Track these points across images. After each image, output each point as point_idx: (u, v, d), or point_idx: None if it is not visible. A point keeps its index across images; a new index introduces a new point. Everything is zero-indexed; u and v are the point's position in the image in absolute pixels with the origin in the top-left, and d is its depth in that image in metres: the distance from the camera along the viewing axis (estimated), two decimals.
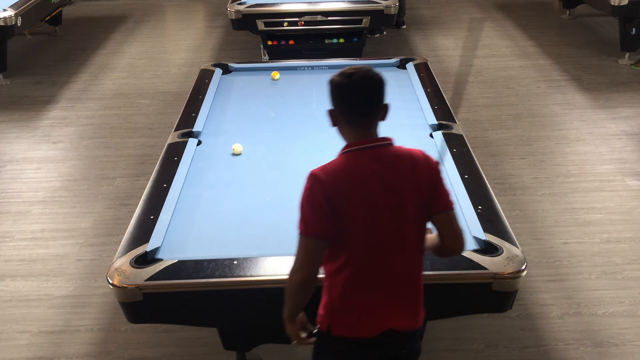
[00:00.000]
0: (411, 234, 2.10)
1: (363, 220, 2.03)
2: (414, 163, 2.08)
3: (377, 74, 2.06)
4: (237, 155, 3.48)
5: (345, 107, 2.07)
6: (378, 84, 2.06)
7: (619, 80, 6.49)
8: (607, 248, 4.01)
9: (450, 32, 8.10)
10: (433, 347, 3.25)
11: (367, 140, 2.08)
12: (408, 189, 2.05)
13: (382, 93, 2.07)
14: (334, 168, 2.05)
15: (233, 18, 6.33)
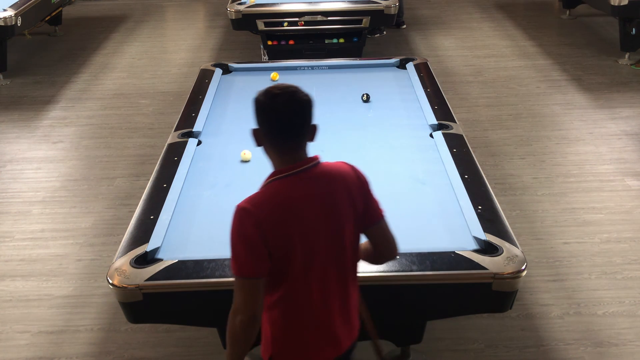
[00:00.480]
0: (349, 254, 2.05)
1: (302, 250, 1.94)
2: (345, 179, 2.02)
3: (304, 95, 1.95)
4: (245, 162, 3.41)
5: (269, 130, 1.96)
6: (304, 106, 1.95)
7: (619, 80, 6.49)
8: (607, 248, 4.01)
9: (450, 32, 8.10)
10: (433, 347, 3.26)
11: (295, 164, 1.97)
12: (345, 207, 2.00)
13: (308, 116, 1.98)
14: (264, 199, 1.94)
15: (233, 18, 6.33)
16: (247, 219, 1.91)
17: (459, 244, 2.65)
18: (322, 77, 4.58)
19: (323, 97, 4.22)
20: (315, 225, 1.96)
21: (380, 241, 2.11)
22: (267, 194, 1.95)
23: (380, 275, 2.48)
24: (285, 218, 1.92)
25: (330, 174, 2.01)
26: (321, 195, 1.97)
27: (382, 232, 2.10)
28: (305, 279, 1.98)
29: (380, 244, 2.11)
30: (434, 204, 3.00)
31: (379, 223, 2.09)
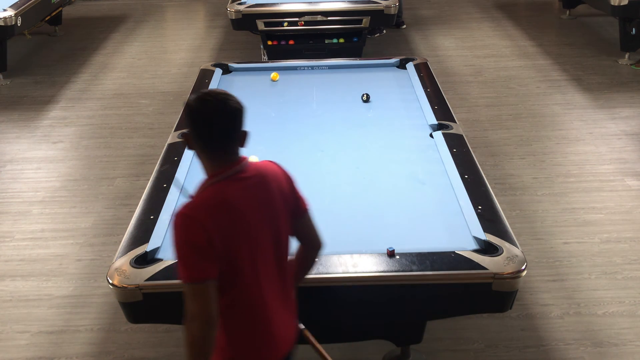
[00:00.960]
0: (286, 250, 2.12)
1: (248, 250, 1.97)
2: (276, 177, 2.08)
3: (234, 102, 1.96)
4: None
5: (199, 135, 1.97)
6: (234, 113, 1.95)
7: (619, 80, 6.49)
8: (607, 248, 4.01)
9: (450, 32, 8.10)
10: (433, 347, 3.26)
11: (229, 166, 1.99)
12: (280, 205, 2.05)
13: (238, 123, 1.98)
14: (204, 203, 1.94)
15: (233, 18, 6.33)
16: (191, 224, 1.89)
17: (459, 244, 2.65)
18: (322, 77, 4.58)
19: (323, 97, 4.23)
20: (257, 224, 1.99)
21: (308, 231, 2.18)
22: (205, 198, 1.96)
23: (380, 275, 2.48)
24: (228, 219, 1.93)
25: (262, 173, 2.05)
26: (258, 195, 2.01)
27: (309, 223, 2.17)
28: (254, 279, 2.00)
29: (308, 234, 2.18)
30: (434, 204, 3.00)
31: (306, 215, 2.16)
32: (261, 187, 2.02)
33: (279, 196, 2.05)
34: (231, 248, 1.93)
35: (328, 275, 2.48)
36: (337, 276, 2.49)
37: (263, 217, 2.00)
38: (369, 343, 3.14)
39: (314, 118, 3.92)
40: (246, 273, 1.97)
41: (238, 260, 1.95)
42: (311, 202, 3.01)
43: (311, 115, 3.96)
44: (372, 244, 2.66)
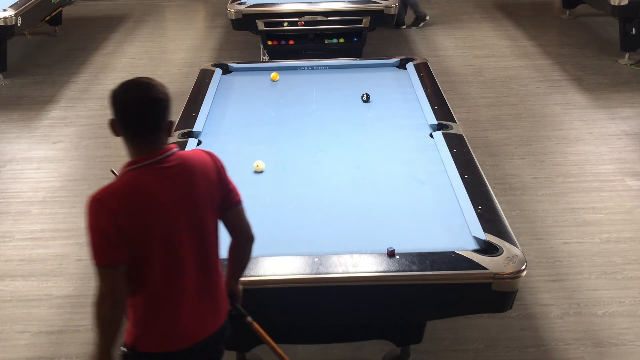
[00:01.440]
0: (210, 240, 2.11)
1: (159, 239, 1.98)
2: (203, 167, 2.07)
3: (158, 91, 1.97)
4: (259, 172, 3.30)
5: (122, 122, 1.98)
6: (155, 102, 1.96)
7: (619, 80, 6.49)
8: (607, 248, 4.01)
9: (450, 32, 8.10)
10: (433, 347, 3.26)
11: (151, 154, 1.99)
12: (204, 194, 2.05)
13: (161, 112, 1.98)
14: (117, 190, 1.95)
15: (233, 18, 6.33)
16: (100, 210, 1.92)
17: (459, 244, 2.65)
18: (322, 77, 4.58)
19: (323, 97, 4.23)
20: (172, 213, 1.99)
21: (238, 224, 2.19)
22: (120, 185, 1.97)
23: (380, 275, 2.48)
24: (139, 207, 1.95)
25: (187, 162, 2.05)
26: (177, 184, 2.00)
27: (239, 216, 2.18)
28: (166, 267, 2.02)
29: (238, 226, 2.19)
30: (434, 204, 3.00)
31: (237, 207, 2.17)
32: (182, 177, 2.02)
33: (205, 187, 2.06)
34: (141, 236, 1.96)
35: (328, 275, 2.48)
36: (337, 276, 2.48)
37: (180, 208, 2.00)
38: (369, 343, 3.14)
39: (314, 118, 3.92)
40: (157, 261, 2.00)
41: (148, 248, 1.98)
42: (311, 202, 3.04)
43: (311, 115, 3.96)
44: (372, 244, 2.66)
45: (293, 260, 2.56)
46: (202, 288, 2.12)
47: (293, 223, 2.88)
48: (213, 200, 2.09)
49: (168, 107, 2.00)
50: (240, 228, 2.21)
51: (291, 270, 2.52)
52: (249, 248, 2.27)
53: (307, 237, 2.76)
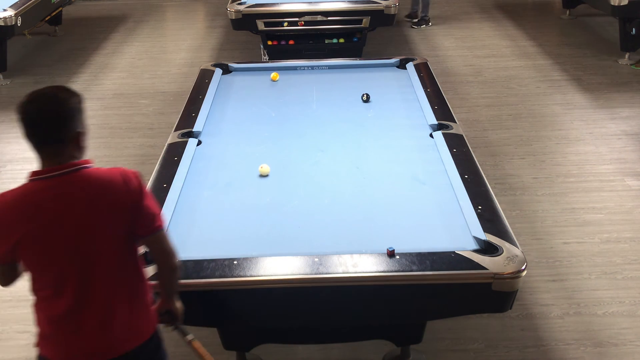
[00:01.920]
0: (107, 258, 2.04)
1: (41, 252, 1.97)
2: (109, 188, 2.02)
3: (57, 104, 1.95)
4: (264, 176, 3.25)
5: (24, 133, 1.97)
6: (53, 116, 1.94)
7: (619, 80, 6.49)
8: (607, 248, 4.01)
9: (450, 32, 8.10)
10: (433, 347, 3.26)
11: (51, 168, 1.97)
12: (101, 216, 1.99)
13: (60, 125, 1.95)
14: (9, 198, 1.96)
15: (233, 18, 6.33)
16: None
17: (459, 244, 2.65)
18: (322, 77, 4.58)
19: (323, 97, 4.23)
20: (54, 230, 1.96)
21: (155, 251, 2.15)
22: (10, 194, 1.98)
23: (380, 275, 2.48)
24: (16, 219, 1.95)
25: (91, 181, 2.01)
26: (70, 202, 1.96)
27: (156, 245, 2.12)
28: (55, 280, 2.02)
29: (155, 253, 2.16)
30: (434, 204, 3.00)
31: (154, 235, 2.10)
32: (79, 195, 1.97)
33: (104, 208, 1.99)
34: (18, 245, 1.97)
35: (328, 275, 2.48)
36: (337, 276, 2.48)
37: (63, 227, 1.96)
38: (369, 343, 3.14)
39: (314, 118, 3.92)
40: (42, 273, 2.02)
41: (31, 259, 2.00)
42: (311, 202, 3.04)
43: (311, 115, 3.96)
44: (372, 244, 2.66)
45: (293, 260, 2.55)
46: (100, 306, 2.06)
47: (293, 223, 2.88)
48: (115, 225, 2.02)
49: (68, 118, 1.97)
50: (159, 256, 2.16)
51: (291, 270, 2.52)
52: (172, 277, 2.22)
53: (307, 237, 2.76)
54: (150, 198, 2.11)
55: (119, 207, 2.03)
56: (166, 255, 2.17)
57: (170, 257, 2.17)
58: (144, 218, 2.07)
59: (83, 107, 2.06)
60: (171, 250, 2.17)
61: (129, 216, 2.04)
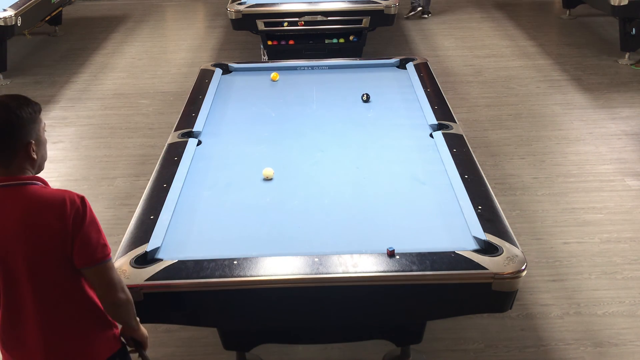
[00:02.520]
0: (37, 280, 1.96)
1: None
2: (43, 208, 1.93)
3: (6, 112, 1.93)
4: (268, 180, 3.21)
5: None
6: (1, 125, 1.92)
7: (619, 80, 6.49)
8: (607, 248, 4.01)
9: (450, 32, 8.10)
10: (433, 347, 3.26)
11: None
12: (25, 234, 1.92)
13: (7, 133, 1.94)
14: None
15: (233, 18, 6.33)
16: None
17: (459, 244, 2.65)
18: (322, 77, 4.58)
19: (323, 97, 4.23)
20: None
21: (94, 285, 2.05)
22: None
23: (380, 275, 2.48)
24: None
25: (31, 199, 1.94)
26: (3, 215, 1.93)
27: (94, 278, 2.02)
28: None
29: (95, 288, 2.06)
30: (434, 204, 3.00)
31: (92, 268, 1.99)
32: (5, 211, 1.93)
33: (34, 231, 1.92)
34: None
35: (328, 275, 2.48)
36: (337, 276, 2.48)
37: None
38: (369, 343, 3.14)
39: (314, 118, 3.92)
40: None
41: None
42: (311, 202, 3.03)
43: (311, 115, 3.96)
44: (372, 244, 2.66)
45: (293, 260, 2.55)
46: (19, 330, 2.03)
47: (293, 223, 2.88)
48: (46, 249, 1.94)
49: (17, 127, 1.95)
50: (99, 290, 2.04)
51: (291, 270, 2.52)
52: (117, 311, 2.11)
53: (307, 237, 2.76)
54: (94, 227, 1.99)
55: (53, 232, 1.93)
56: (107, 290, 2.03)
57: (113, 292, 2.04)
58: (81, 248, 1.96)
59: (38, 117, 2.04)
60: (114, 285, 2.03)
61: (64, 244, 1.95)
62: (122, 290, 2.07)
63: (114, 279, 2.04)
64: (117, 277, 2.06)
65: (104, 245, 2.01)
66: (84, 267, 1.99)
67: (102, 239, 2.02)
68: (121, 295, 2.07)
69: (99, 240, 2.00)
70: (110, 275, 2.03)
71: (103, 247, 2.01)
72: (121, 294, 2.07)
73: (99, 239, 2.00)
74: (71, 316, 2.07)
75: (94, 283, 2.04)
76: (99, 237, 2.00)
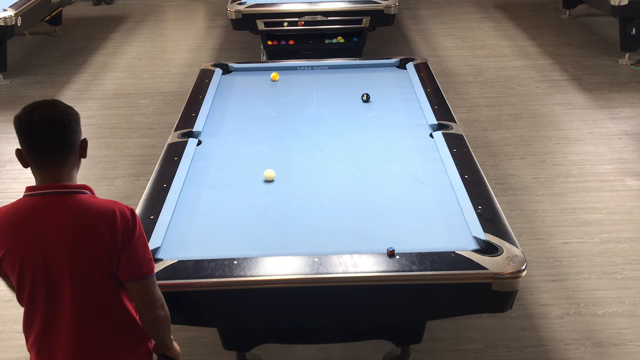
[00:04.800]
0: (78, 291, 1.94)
1: (17, 269, 1.91)
2: (93, 219, 1.90)
3: (61, 112, 1.91)
4: (269, 181, 3.20)
5: (25, 146, 1.94)
6: (59, 124, 1.90)
7: (619, 80, 6.49)
8: (607, 248, 4.01)
9: (450, 32, 8.10)
10: (433, 347, 3.26)
11: (46, 185, 1.92)
12: (72, 245, 1.89)
13: (65, 134, 1.91)
14: (2, 212, 1.93)
15: (233, 18, 6.33)
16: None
17: (459, 244, 2.65)
18: (322, 77, 4.58)
19: (323, 97, 4.23)
20: (30, 250, 1.90)
21: (136, 301, 2.02)
22: (3, 208, 1.95)
23: (380, 275, 2.48)
24: (3, 234, 1.90)
25: (81, 209, 1.92)
26: (53, 225, 1.90)
27: (137, 292, 1.99)
28: (24, 302, 1.99)
29: (136, 303, 2.03)
30: (434, 204, 3.00)
31: (136, 282, 1.97)
32: (55, 220, 1.90)
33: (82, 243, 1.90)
34: (1, 263, 1.93)
35: (328, 275, 2.48)
36: (337, 276, 2.48)
37: (36, 249, 1.90)
38: (369, 343, 3.14)
39: (314, 118, 3.92)
40: (18, 292, 1.98)
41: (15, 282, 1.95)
42: (311, 202, 3.03)
43: (311, 115, 3.96)
44: (372, 244, 2.66)
45: (293, 260, 2.55)
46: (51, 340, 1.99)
47: (293, 223, 2.88)
48: (92, 261, 1.92)
49: (71, 128, 1.94)
50: (140, 306, 2.02)
51: (291, 270, 2.52)
52: (154, 328, 2.09)
53: (307, 237, 2.76)
54: (142, 241, 1.98)
55: (102, 240, 1.91)
56: (148, 305, 2.02)
57: (153, 308, 2.03)
58: (128, 262, 1.95)
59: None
60: (155, 301, 2.02)
61: (112, 256, 1.93)
62: (162, 307, 2.06)
63: (155, 295, 2.03)
64: (158, 294, 2.04)
65: (150, 260, 2.00)
66: (129, 281, 1.97)
67: (149, 253, 2.01)
68: (160, 312, 2.05)
69: (145, 254, 1.98)
70: (153, 291, 2.02)
71: (149, 262, 2.00)
72: (161, 310, 2.05)
73: (145, 253, 1.99)
74: (106, 329, 2.03)
75: (135, 298, 2.01)
76: (145, 251, 1.99)
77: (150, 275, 2.00)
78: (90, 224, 1.91)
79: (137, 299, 2.02)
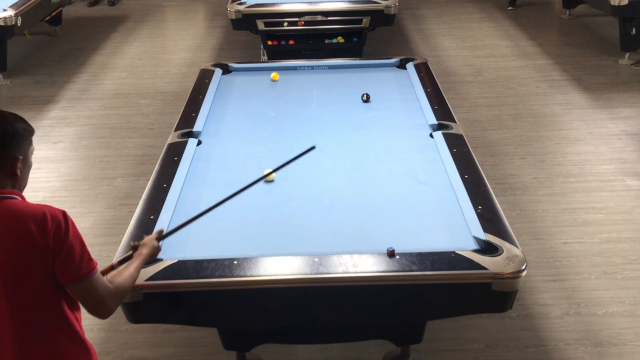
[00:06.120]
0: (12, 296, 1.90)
1: None
2: (21, 223, 1.87)
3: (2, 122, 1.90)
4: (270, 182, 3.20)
5: None
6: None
7: (619, 80, 6.49)
8: (607, 248, 4.01)
9: (450, 32, 8.10)
10: (433, 347, 3.26)
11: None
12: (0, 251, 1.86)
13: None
14: None
15: (233, 18, 6.33)
16: None
17: (459, 244, 2.65)
18: (322, 77, 4.58)
19: (323, 97, 4.23)
20: None
21: (83, 301, 1.98)
22: None
23: (380, 275, 2.48)
24: None
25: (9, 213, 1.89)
26: None
27: (81, 295, 1.96)
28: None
29: (84, 303, 1.99)
30: (434, 204, 3.00)
31: (77, 284, 1.92)
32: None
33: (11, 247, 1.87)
34: None
35: (328, 275, 2.48)
36: (337, 276, 2.48)
37: None
38: (369, 343, 3.14)
39: (314, 118, 3.92)
40: None
41: None
42: (311, 202, 3.03)
43: (311, 116, 3.96)
44: (372, 244, 2.66)
45: (293, 260, 2.56)
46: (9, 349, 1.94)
47: (293, 223, 2.88)
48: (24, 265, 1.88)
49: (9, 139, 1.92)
50: (89, 305, 1.97)
51: (291, 270, 2.52)
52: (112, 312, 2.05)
53: (307, 237, 2.76)
54: (77, 242, 1.93)
55: (34, 242, 1.87)
56: (96, 307, 1.98)
57: (103, 305, 1.98)
58: (64, 264, 1.90)
59: (30, 138, 1.99)
60: (101, 300, 1.97)
61: (45, 259, 1.89)
62: (112, 302, 2.01)
63: (99, 294, 1.97)
64: (105, 290, 1.98)
65: (89, 260, 1.95)
66: (70, 284, 1.93)
67: (87, 253, 1.95)
68: (111, 307, 2.01)
69: (83, 255, 1.94)
70: (96, 291, 1.96)
71: (88, 262, 1.94)
72: (110, 305, 2.01)
73: (83, 254, 1.94)
74: (46, 336, 1.98)
75: (81, 300, 1.98)
76: (83, 252, 1.94)
77: (90, 276, 1.94)
78: (21, 227, 1.87)
79: (82, 301, 1.98)
